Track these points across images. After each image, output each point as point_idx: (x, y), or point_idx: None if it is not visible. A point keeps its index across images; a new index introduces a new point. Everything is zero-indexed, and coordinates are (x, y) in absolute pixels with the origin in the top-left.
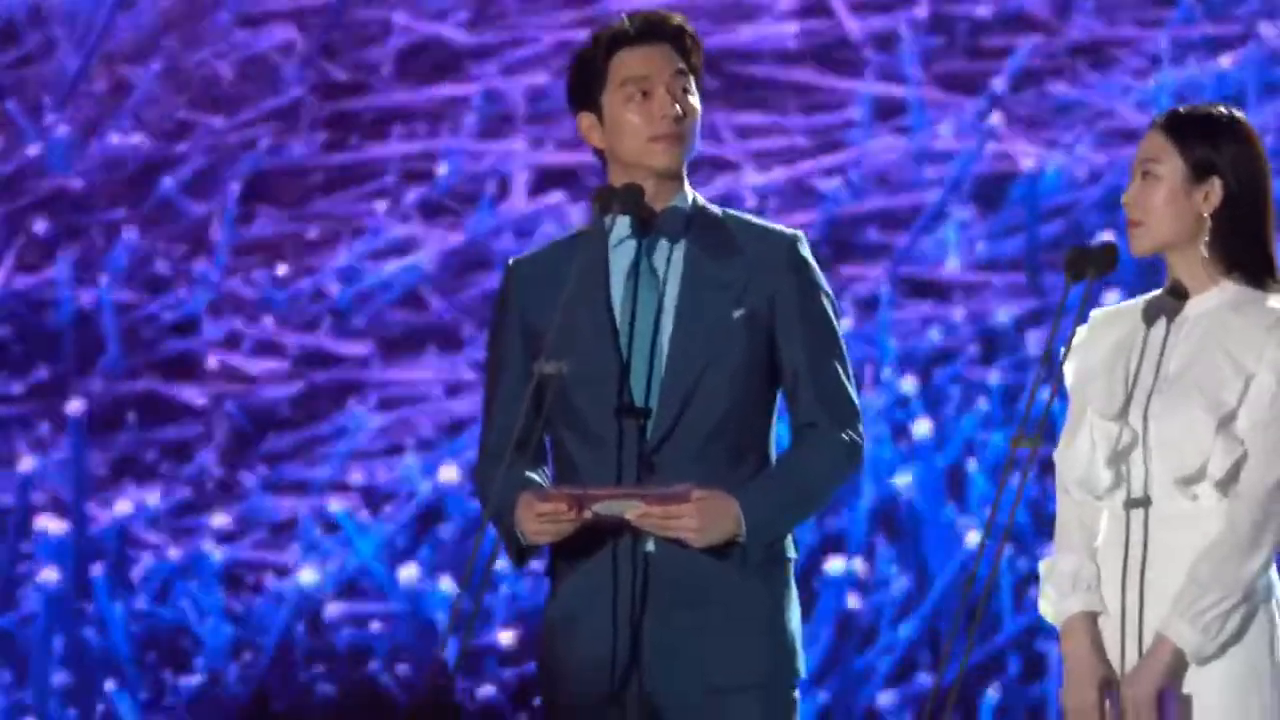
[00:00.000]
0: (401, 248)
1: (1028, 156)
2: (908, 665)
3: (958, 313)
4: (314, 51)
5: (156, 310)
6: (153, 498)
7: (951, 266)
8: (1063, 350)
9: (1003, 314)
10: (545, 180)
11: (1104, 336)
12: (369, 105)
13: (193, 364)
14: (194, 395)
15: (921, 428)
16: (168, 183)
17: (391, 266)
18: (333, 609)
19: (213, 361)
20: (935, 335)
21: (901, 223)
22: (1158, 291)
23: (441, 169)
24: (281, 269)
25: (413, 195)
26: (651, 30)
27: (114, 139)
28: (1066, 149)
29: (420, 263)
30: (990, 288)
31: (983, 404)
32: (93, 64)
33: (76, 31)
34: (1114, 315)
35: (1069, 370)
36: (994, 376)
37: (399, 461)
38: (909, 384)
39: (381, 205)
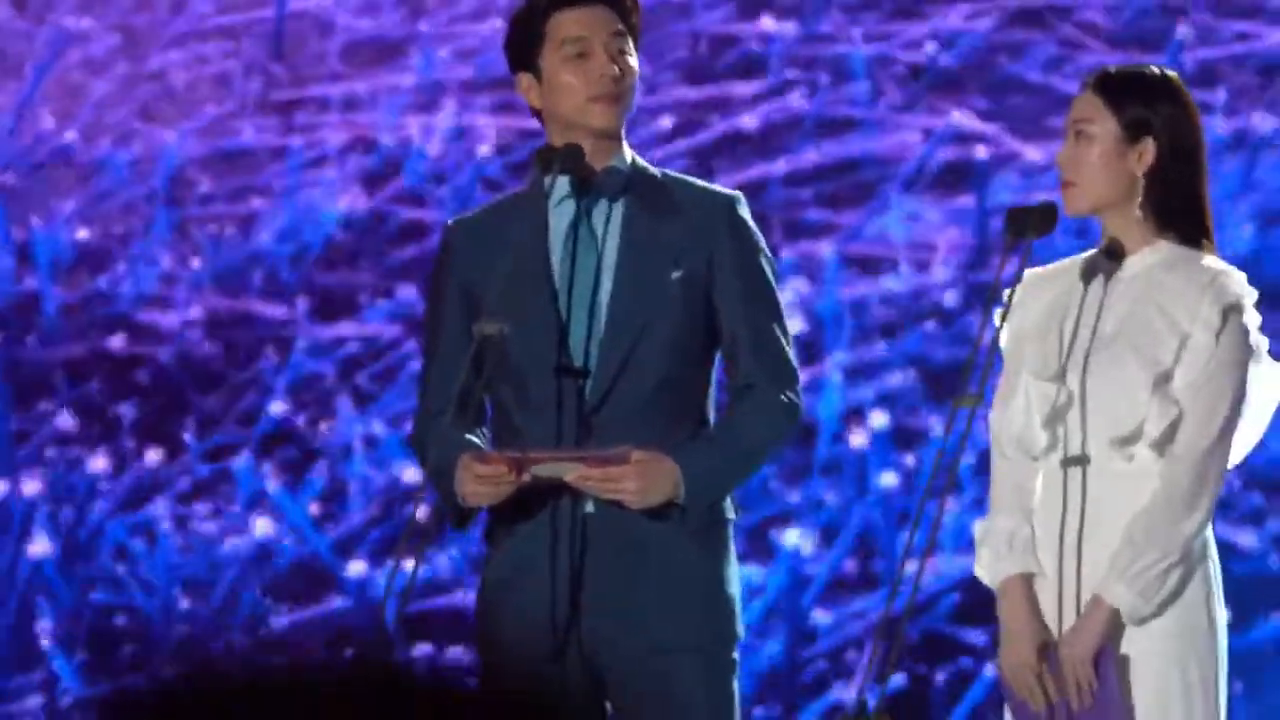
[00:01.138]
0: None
1: None
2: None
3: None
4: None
5: (93, 285)
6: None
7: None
8: (998, 312)
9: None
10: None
11: (1038, 297)
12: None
13: (121, 323)
14: (121, 347)
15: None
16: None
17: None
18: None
19: (144, 319)
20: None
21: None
22: (1092, 251)
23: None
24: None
25: (351, 164)
26: None
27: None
28: None
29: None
30: None
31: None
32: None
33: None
34: (1048, 275)
35: (1004, 330)
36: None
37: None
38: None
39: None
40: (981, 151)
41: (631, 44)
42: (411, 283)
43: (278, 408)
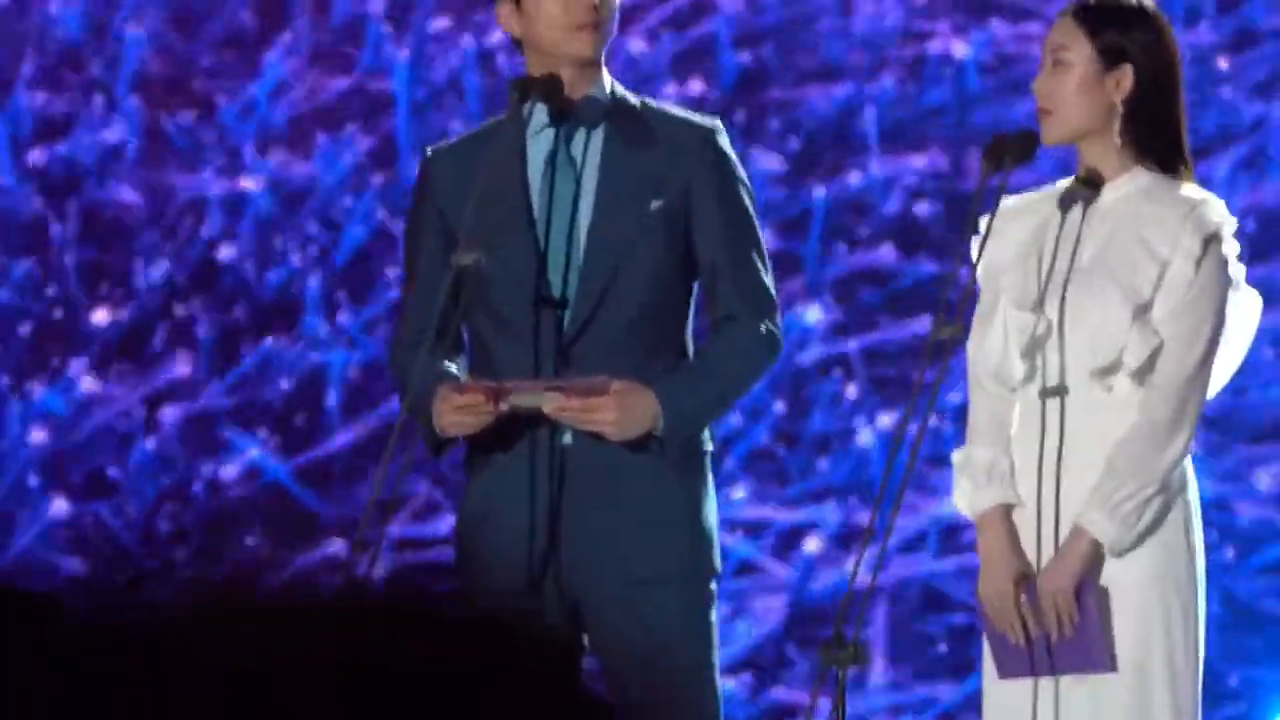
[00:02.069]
0: None
1: None
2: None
3: None
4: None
5: None
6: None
7: None
8: (974, 240)
9: None
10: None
11: (1015, 226)
12: None
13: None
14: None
15: None
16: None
17: None
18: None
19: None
20: None
21: None
22: (1070, 179)
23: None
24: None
25: None
26: None
27: None
28: None
29: None
30: None
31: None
32: None
33: None
34: (1026, 204)
35: (981, 260)
36: None
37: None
38: None
39: None
40: None
41: None
42: None
43: None
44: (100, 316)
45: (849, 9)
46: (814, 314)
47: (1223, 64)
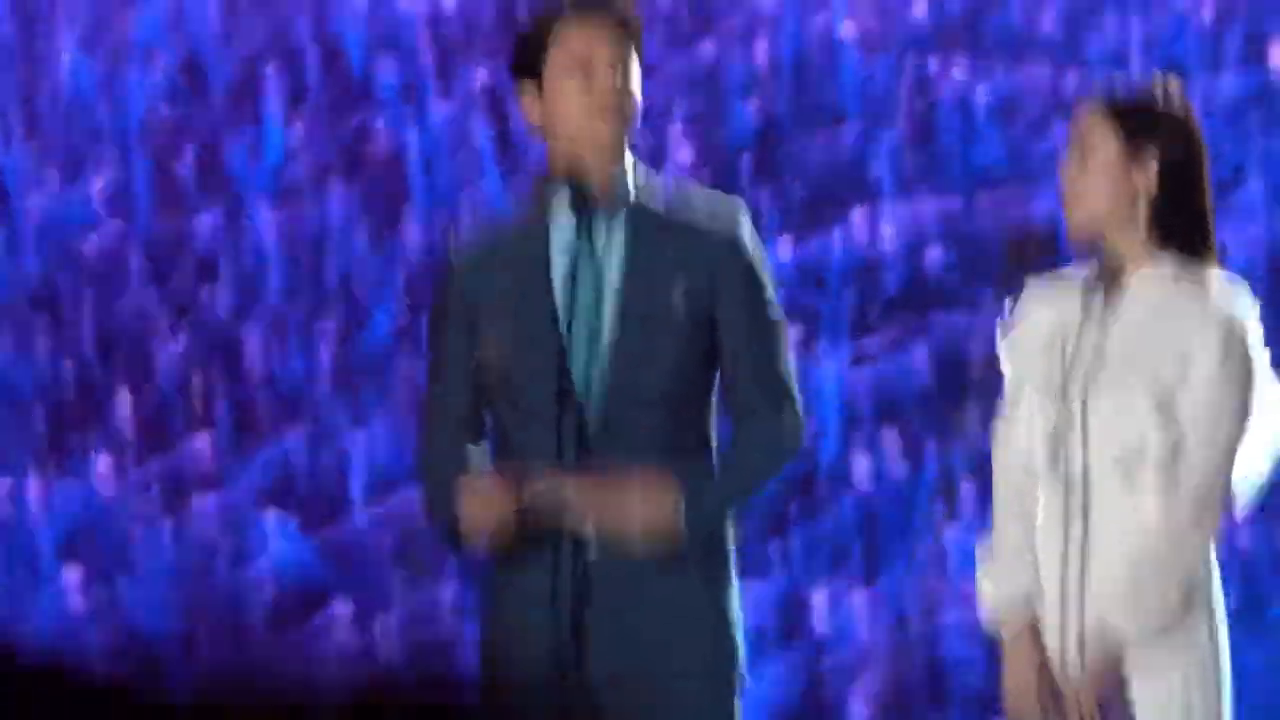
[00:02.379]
0: None
1: None
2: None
3: None
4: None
5: None
6: None
7: None
8: (999, 326)
9: None
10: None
11: (1041, 312)
12: None
13: None
14: None
15: None
16: None
17: None
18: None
19: None
20: None
21: None
22: (1094, 266)
23: None
24: None
25: None
26: (594, 8)
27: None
28: None
29: None
30: None
31: None
32: None
33: None
34: (1050, 290)
35: (1005, 348)
36: None
37: None
38: None
39: None
40: None
41: (635, 61)
42: None
43: None
44: (119, 398)
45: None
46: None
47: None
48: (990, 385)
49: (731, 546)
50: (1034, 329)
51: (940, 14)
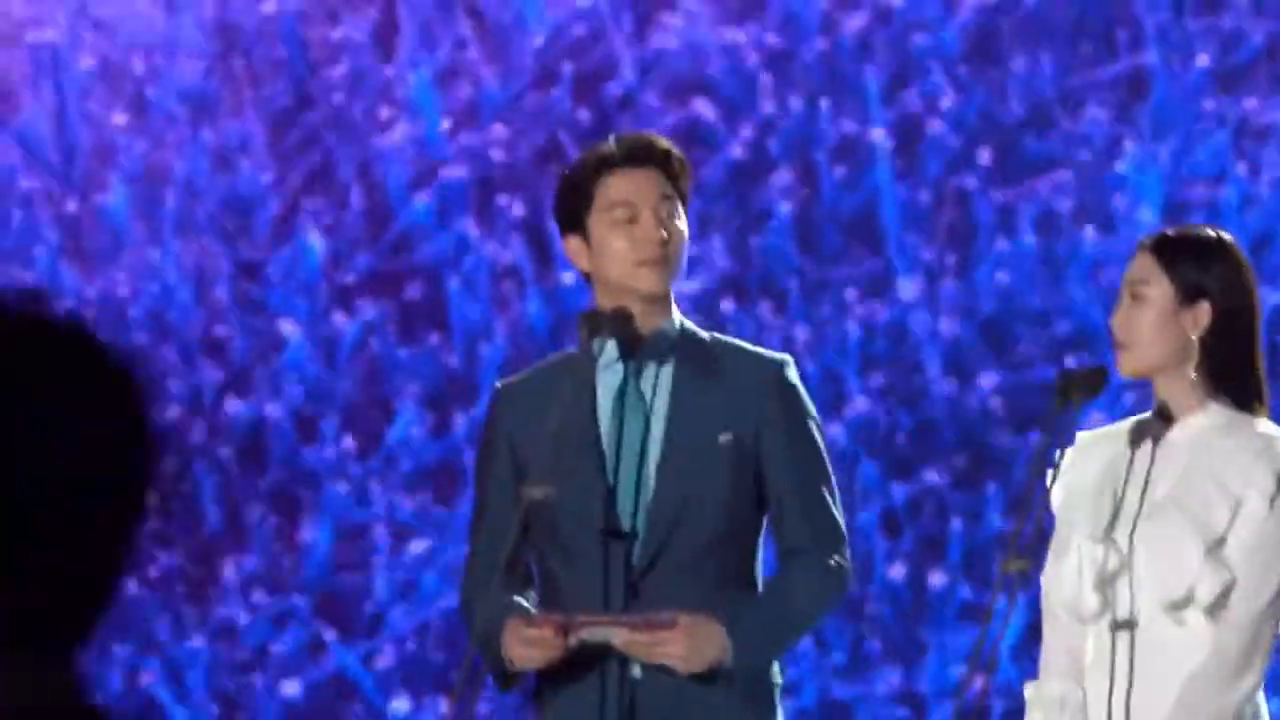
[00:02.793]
0: None
1: None
2: None
3: None
4: None
5: None
6: None
7: None
8: (1050, 473)
9: None
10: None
11: (1090, 459)
12: None
13: None
14: None
15: None
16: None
17: None
18: None
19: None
20: None
21: None
22: (1145, 414)
23: None
24: None
25: None
26: (639, 154)
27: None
28: None
29: None
30: None
31: None
32: None
33: None
34: (1100, 438)
35: (1056, 493)
36: None
37: None
38: None
39: None
40: None
41: (681, 207)
42: None
43: None
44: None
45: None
46: None
47: None
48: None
49: (778, 684)
50: (1083, 477)
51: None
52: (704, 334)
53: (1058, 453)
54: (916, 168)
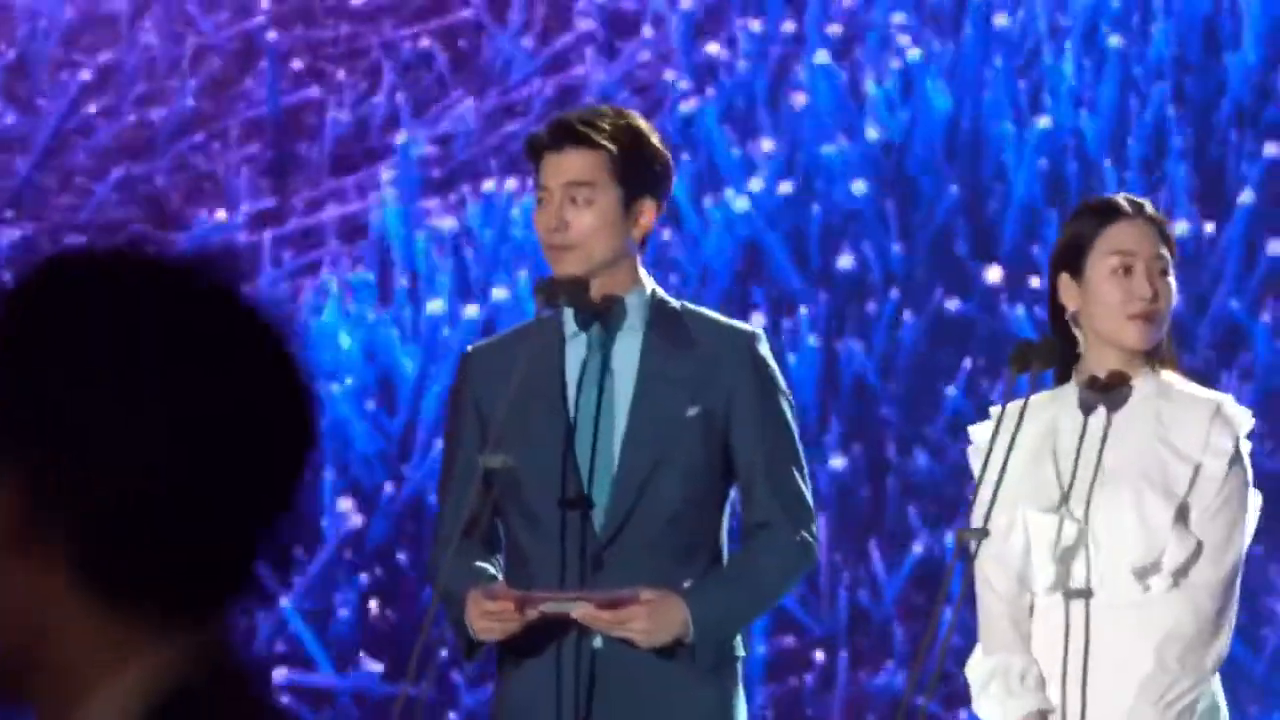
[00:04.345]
0: None
1: None
2: None
3: None
4: None
5: None
6: None
7: None
8: (984, 446)
9: None
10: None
11: (1022, 430)
12: None
13: None
14: None
15: None
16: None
17: None
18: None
19: None
20: None
21: None
22: (1081, 382)
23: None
24: None
25: None
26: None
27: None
28: None
29: None
30: None
31: None
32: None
33: None
34: (1031, 407)
35: (991, 462)
36: None
37: None
38: None
39: None
40: None
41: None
42: None
43: None
44: None
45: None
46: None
47: None
48: None
49: (740, 656)
50: (1017, 449)
51: None
52: (675, 303)
53: (982, 425)
54: None
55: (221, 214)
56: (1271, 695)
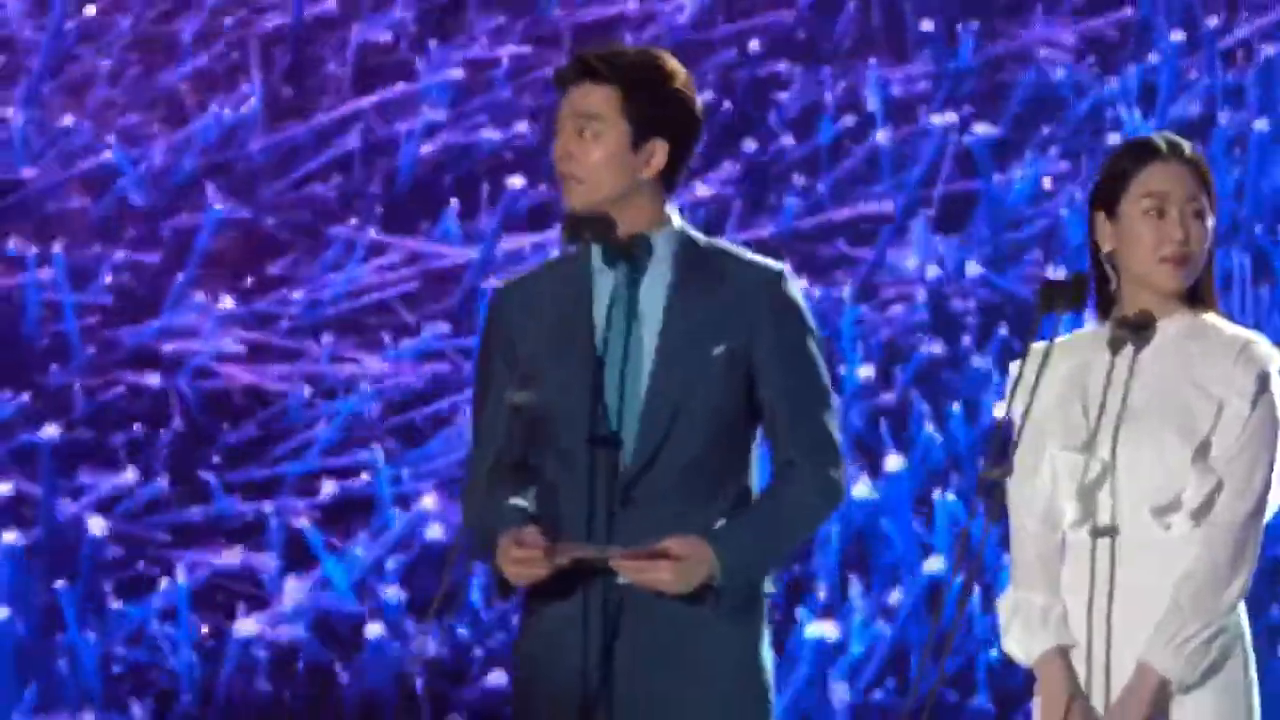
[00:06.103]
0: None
1: None
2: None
3: None
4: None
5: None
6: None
7: None
8: (1010, 384)
9: None
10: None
11: (1052, 368)
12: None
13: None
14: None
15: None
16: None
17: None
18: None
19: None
20: None
21: None
22: (1112, 321)
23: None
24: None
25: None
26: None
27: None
28: None
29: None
30: None
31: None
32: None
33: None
34: (1058, 348)
35: (1019, 401)
36: None
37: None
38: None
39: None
40: None
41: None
42: None
43: None
44: None
45: None
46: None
47: None
48: None
49: (768, 593)
50: (1047, 386)
51: None
52: (702, 240)
53: (1015, 363)
54: None
55: None
56: None
